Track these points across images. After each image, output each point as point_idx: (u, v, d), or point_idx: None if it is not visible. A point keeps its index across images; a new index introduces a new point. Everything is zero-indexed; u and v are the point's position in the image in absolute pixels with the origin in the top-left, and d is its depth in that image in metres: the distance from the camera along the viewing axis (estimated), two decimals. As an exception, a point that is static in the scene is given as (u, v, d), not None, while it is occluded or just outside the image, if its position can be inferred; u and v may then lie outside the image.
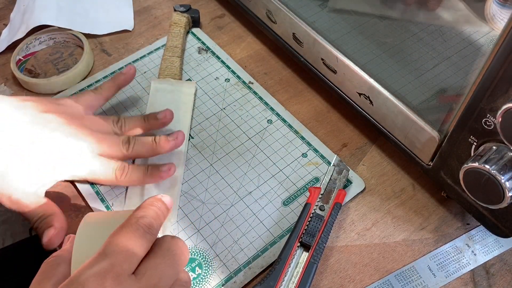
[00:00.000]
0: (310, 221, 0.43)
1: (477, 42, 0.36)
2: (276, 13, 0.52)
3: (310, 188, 0.45)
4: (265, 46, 0.61)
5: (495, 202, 0.35)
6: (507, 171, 0.33)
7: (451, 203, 0.47)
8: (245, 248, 0.44)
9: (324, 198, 0.45)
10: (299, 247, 0.42)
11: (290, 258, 0.41)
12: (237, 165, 0.50)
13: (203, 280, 0.42)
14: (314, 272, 0.41)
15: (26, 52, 0.59)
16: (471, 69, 0.35)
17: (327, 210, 0.44)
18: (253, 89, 0.56)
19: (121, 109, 0.54)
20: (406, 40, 0.42)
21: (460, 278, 0.43)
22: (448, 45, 0.39)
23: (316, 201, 0.44)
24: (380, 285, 0.42)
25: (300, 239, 0.42)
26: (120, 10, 0.64)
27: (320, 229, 0.43)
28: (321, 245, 0.42)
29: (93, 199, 0.47)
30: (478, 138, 0.36)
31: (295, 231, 0.42)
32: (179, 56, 0.57)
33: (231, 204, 0.47)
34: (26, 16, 0.60)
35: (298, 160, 0.50)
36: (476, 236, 0.45)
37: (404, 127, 0.43)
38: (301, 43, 0.50)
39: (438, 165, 0.41)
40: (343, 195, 0.45)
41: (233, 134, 0.52)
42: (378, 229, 0.46)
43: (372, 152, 0.51)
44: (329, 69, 0.49)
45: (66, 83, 0.56)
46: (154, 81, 0.55)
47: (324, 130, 0.53)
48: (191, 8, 0.61)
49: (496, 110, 0.33)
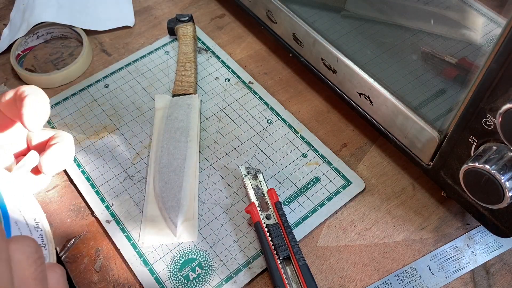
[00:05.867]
0: (271, 235, 0.43)
1: (477, 42, 0.36)
2: (276, 13, 0.52)
3: (246, 210, 0.45)
4: (265, 46, 0.61)
5: (495, 202, 0.35)
6: (507, 171, 0.33)
7: (451, 203, 0.47)
8: (245, 248, 0.44)
9: (263, 207, 0.45)
10: (282, 263, 0.42)
11: (283, 279, 0.41)
12: (237, 165, 0.50)
13: (203, 280, 0.42)
14: (309, 270, 0.41)
15: (25, 47, 0.59)
16: (471, 69, 0.35)
17: (274, 215, 0.44)
18: (253, 89, 0.56)
19: (120, 109, 0.54)
20: (406, 40, 0.42)
21: (460, 278, 0.43)
22: (448, 45, 0.39)
23: (260, 214, 0.44)
24: (380, 285, 0.42)
25: (278, 257, 0.42)
26: (120, 6, 0.64)
27: (283, 234, 0.43)
28: (295, 245, 0.42)
29: (93, 199, 0.47)
30: (478, 138, 0.36)
31: (268, 254, 0.42)
32: (194, 69, 0.56)
33: (231, 204, 0.47)
34: (26, 15, 0.60)
35: (298, 160, 0.50)
36: (476, 236, 0.45)
37: (404, 127, 0.43)
38: (301, 43, 0.50)
39: (438, 165, 0.41)
40: (274, 192, 0.45)
41: (233, 134, 0.52)
42: (378, 229, 0.46)
43: (372, 152, 0.51)
44: (329, 69, 0.49)
45: (67, 78, 0.57)
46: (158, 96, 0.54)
47: (324, 130, 0.53)
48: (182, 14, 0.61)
49: (496, 110, 0.33)
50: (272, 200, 0.45)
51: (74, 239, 0.45)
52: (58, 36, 0.62)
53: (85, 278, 0.43)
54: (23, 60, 0.59)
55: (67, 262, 0.44)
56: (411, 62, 0.42)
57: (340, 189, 0.48)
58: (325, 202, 0.47)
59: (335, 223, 0.46)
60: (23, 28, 0.59)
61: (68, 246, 0.45)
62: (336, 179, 0.48)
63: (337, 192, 0.48)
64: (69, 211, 0.47)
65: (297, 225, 0.45)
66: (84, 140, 0.51)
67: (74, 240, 0.45)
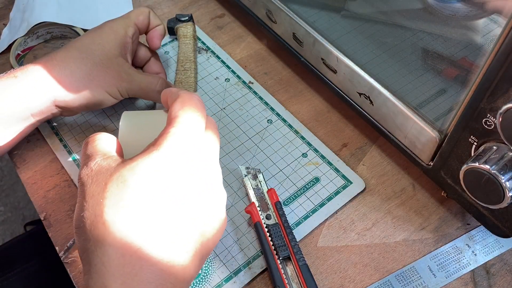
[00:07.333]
0: (271, 235, 0.43)
1: (477, 42, 0.36)
2: (276, 13, 0.52)
3: (246, 210, 0.45)
4: (265, 46, 0.61)
5: (495, 202, 0.35)
6: (507, 171, 0.33)
7: (451, 203, 0.47)
8: (245, 248, 0.44)
9: (263, 207, 0.45)
10: (282, 263, 0.42)
11: (283, 279, 0.41)
12: (237, 165, 0.49)
13: (203, 280, 0.42)
14: (309, 270, 0.41)
15: (24, 46, 0.59)
16: (471, 69, 0.35)
17: (274, 215, 0.44)
18: (253, 89, 0.56)
19: (120, 109, 0.54)
20: (406, 40, 0.42)
21: (460, 278, 0.43)
22: (448, 44, 0.39)
23: (260, 215, 0.44)
24: (381, 285, 0.42)
25: (278, 257, 0.42)
26: (120, 6, 0.64)
27: (283, 234, 0.43)
28: (295, 245, 0.42)
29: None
30: (478, 138, 0.36)
31: (268, 254, 0.42)
32: (194, 69, 0.56)
33: (231, 204, 0.47)
34: (26, 14, 0.60)
35: (298, 160, 0.50)
36: (476, 236, 0.45)
37: (404, 127, 0.43)
38: (301, 43, 0.50)
39: (438, 165, 0.41)
40: (274, 192, 0.45)
41: (233, 134, 0.52)
42: (378, 229, 0.46)
43: (372, 152, 0.51)
44: (329, 69, 0.48)
45: None
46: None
47: (324, 130, 0.53)
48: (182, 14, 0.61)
49: (496, 110, 0.33)
50: (272, 200, 0.45)
51: (74, 239, 0.45)
52: (58, 36, 0.62)
53: (85, 278, 0.43)
54: (22, 60, 0.59)
55: (67, 262, 0.44)
56: (411, 62, 0.42)
57: (340, 189, 0.48)
58: (325, 202, 0.47)
59: (335, 223, 0.46)
60: (23, 28, 0.59)
61: (68, 246, 0.44)
62: (336, 179, 0.48)
63: (337, 192, 0.48)
64: (69, 211, 0.47)
65: (297, 225, 0.45)
66: (84, 140, 0.51)
67: (74, 240, 0.45)
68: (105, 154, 0.33)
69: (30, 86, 0.44)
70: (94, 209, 0.30)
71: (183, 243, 0.31)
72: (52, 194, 0.48)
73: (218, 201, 0.34)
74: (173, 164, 0.31)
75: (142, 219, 0.30)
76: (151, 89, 0.48)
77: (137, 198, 0.30)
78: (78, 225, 0.31)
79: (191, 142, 0.33)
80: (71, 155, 0.50)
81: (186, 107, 0.33)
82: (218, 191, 0.35)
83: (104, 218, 0.29)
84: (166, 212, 0.31)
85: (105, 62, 0.46)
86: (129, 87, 0.47)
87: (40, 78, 0.44)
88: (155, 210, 0.30)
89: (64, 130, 0.52)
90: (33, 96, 0.44)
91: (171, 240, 0.31)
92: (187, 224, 0.32)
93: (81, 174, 0.32)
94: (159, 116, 0.38)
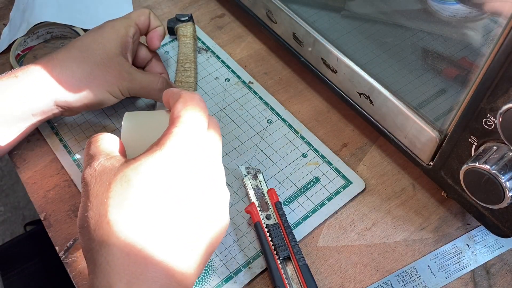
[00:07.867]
0: (271, 235, 0.43)
1: (477, 42, 0.36)
2: (276, 13, 0.52)
3: (246, 210, 0.45)
4: (265, 46, 0.61)
5: (495, 202, 0.35)
6: (508, 171, 0.33)
7: (451, 203, 0.47)
8: (245, 248, 0.44)
9: (263, 207, 0.45)
10: (282, 263, 0.42)
11: (283, 279, 0.41)
12: (237, 165, 0.49)
13: (203, 280, 0.42)
14: (309, 270, 0.41)
15: (24, 46, 0.59)
16: (471, 69, 0.35)
17: (274, 215, 0.44)
18: (253, 89, 0.56)
19: (120, 109, 0.54)
20: (406, 40, 0.42)
21: (460, 278, 0.43)
22: (448, 44, 0.39)
23: (260, 215, 0.44)
24: (381, 285, 0.42)
25: (278, 257, 0.42)
26: (120, 6, 0.64)
27: (283, 234, 0.43)
28: (295, 245, 0.42)
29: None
30: (479, 138, 0.36)
31: (268, 255, 0.42)
32: (194, 69, 0.56)
33: (231, 204, 0.47)
34: (26, 14, 0.60)
35: (298, 160, 0.50)
36: (476, 236, 0.45)
37: (404, 127, 0.43)
38: (301, 43, 0.50)
39: (438, 165, 0.41)
40: (274, 192, 0.45)
41: (233, 134, 0.52)
42: (378, 229, 0.46)
43: (372, 152, 0.51)
44: (329, 69, 0.48)
45: None
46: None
47: (324, 130, 0.53)
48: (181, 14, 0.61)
49: (497, 110, 0.33)
50: (272, 200, 0.45)
51: (74, 239, 0.45)
52: (58, 36, 0.62)
53: (85, 278, 0.43)
54: (22, 60, 0.59)
55: (67, 262, 0.44)
56: (411, 62, 0.42)
57: (340, 189, 0.48)
58: (325, 202, 0.47)
59: (335, 223, 0.46)
60: (22, 28, 0.59)
61: (68, 246, 0.44)
62: (336, 179, 0.48)
63: (337, 192, 0.48)
64: (69, 211, 0.47)
65: (297, 225, 0.45)
66: (84, 140, 0.51)
67: (74, 240, 0.45)
68: (108, 154, 0.33)
69: (31, 86, 0.44)
70: (98, 208, 0.30)
71: (188, 242, 0.31)
72: (52, 194, 0.48)
73: (222, 199, 0.34)
74: (177, 163, 0.31)
75: (147, 218, 0.30)
76: (152, 88, 0.48)
77: (142, 198, 0.30)
78: (82, 225, 0.31)
79: (194, 141, 0.33)
80: (71, 155, 0.50)
81: (188, 107, 0.33)
82: (222, 189, 0.35)
83: (109, 218, 0.29)
84: (171, 211, 0.31)
85: (106, 62, 0.46)
86: (130, 86, 0.47)
87: (41, 78, 0.44)
88: (160, 209, 0.30)
89: (64, 130, 0.52)
90: (34, 96, 0.44)
91: (176, 239, 0.31)
92: (191, 223, 0.32)
93: (84, 174, 0.32)
94: (161, 116, 0.38)
